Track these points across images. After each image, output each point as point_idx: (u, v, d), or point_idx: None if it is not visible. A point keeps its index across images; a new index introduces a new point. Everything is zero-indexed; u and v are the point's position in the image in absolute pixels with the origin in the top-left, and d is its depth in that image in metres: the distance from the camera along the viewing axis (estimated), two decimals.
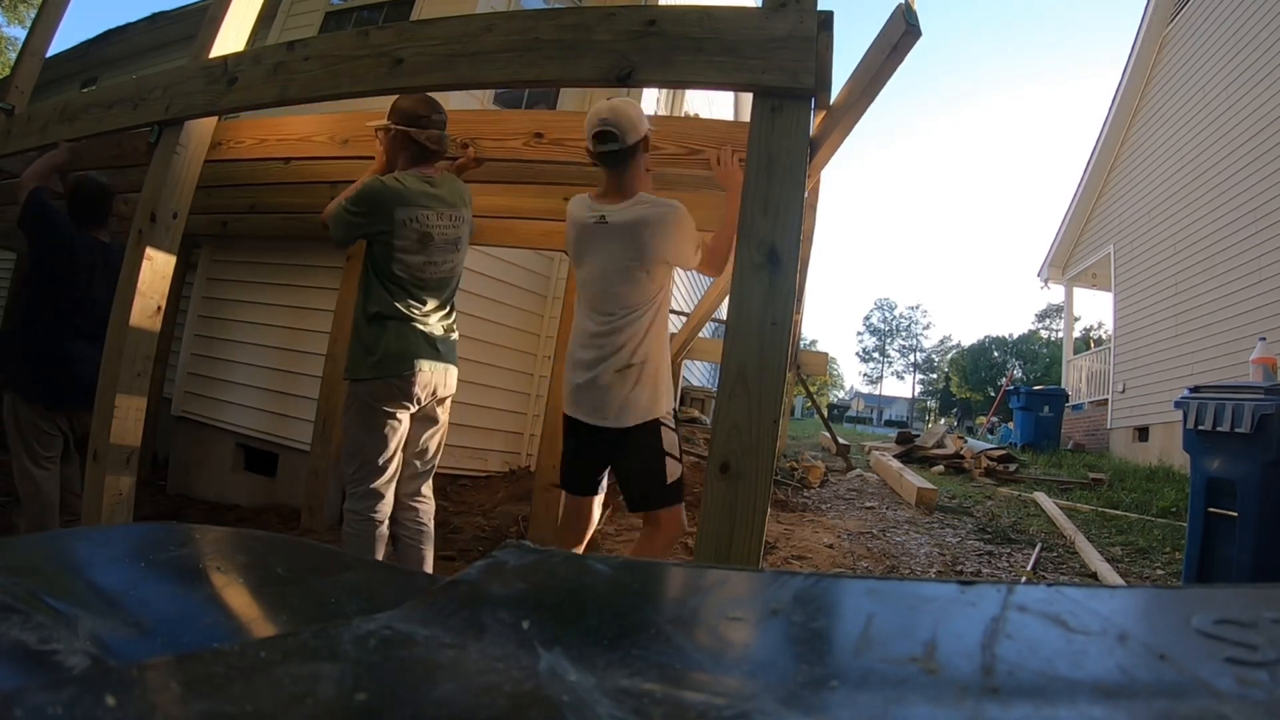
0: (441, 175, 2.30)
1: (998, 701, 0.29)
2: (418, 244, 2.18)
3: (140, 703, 0.28)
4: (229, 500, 4.43)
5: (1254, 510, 2.54)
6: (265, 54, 2.24)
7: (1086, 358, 11.04)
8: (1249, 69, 6.81)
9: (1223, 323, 6.81)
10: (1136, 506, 5.15)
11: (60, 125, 2.76)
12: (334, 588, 0.62)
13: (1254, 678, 0.29)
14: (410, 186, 2.18)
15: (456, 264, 2.32)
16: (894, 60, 1.61)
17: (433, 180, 2.25)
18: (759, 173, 1.54)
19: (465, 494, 4.33)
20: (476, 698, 0.30)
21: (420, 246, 2.19)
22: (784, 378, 1.52)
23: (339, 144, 2.63)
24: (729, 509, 1.46)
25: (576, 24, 1.75)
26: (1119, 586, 1.23)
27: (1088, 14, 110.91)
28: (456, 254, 2.31)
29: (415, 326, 2.20)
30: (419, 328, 2.21)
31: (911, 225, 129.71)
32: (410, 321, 2.20)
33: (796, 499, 5.19)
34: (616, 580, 0.46)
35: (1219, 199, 7.10)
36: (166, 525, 1.47)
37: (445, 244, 2.25)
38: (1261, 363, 3.35)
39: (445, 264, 2.27)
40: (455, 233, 2.27)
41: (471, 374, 4.44)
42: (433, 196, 2.21)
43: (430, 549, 2.36)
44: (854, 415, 56.21)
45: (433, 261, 2.23)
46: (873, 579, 0.45)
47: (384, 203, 2.15)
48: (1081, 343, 13.95)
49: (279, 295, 4.60)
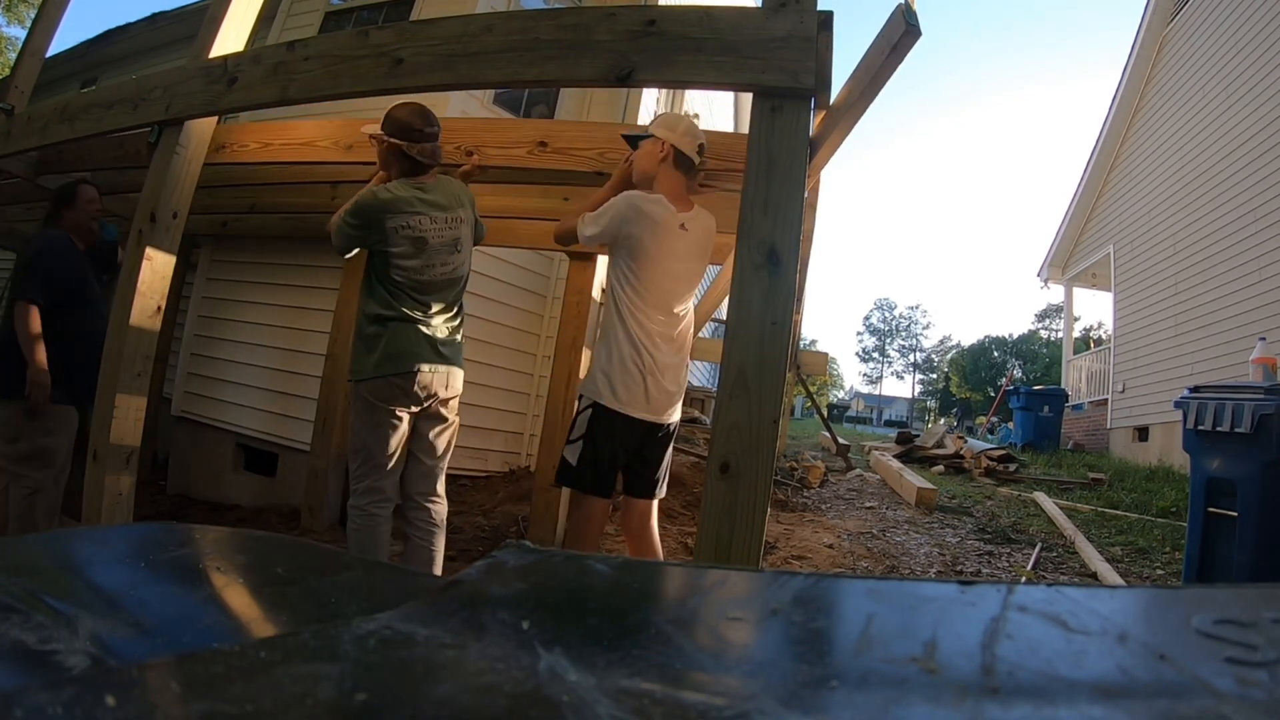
0: (435, 180, 2.30)
1: (998, 701, 0.29)
2: (413, 249, 2.19)
3: (140, 703, 0.28)
4: (229, 500, 4.43)
5: (1254, 510, 2.54)
6: (265, 54, 2.24)
7: (1086, 358, 11.04)
8: (1249, 69, 6.81)
9: (1223, 323, 6.81)
10: (1136, 506, 5.15)
11: (60, 125, 2.76)
12: (334, 588, 0.62)
13: (1254, 678, 0.29)
14: (399, 194, 2.19)
15: (458, 265, 2.32)
16: (894, 60, 1.61)
17: (424, 185, 2.25)
18: (759, 173, 1.54)
19: (465, 494, 4.33)
20: (476, 698, 0.30)
21: (416, 251, 2.20)
22: (784, 378, 1.52)
23: (343, 149, 2.64)
24: (729, 509, 1.46)
25: (576, 24, 1.75)
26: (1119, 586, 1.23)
27: (1088, 14, 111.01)
28: (457, 255, 2.30)
29: (417, 328, 2.21)
30: (421, 329, 2.22)
31: (911, 225, 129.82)
32: (412, 323, 2.21)
33: (796, 499, 5.19)
34: (616, 580, 0.46)
35: (1219, 199, 7.10)
36: (166, 525, 1.47)
37: (442, 247, 2.24)
38: (1261, 363, 3.35)
39: (446, 266, 2.26)
40: (453, 234, 2.27)
41: (471, 374, 4.42)
42: (424, 202, 2.21)
43: (441, 549, 2.36)
44: (854, 415, 56.21)
45: (431, 265, 2.23)
46: (873, 579, 0.45)
47: (374, 215, 2.17)
48: (1081, 343, 13.95)
49: (279, 295, 4.60)
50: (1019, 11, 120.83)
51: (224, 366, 4.63)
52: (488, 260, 4.51)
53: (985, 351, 49.65)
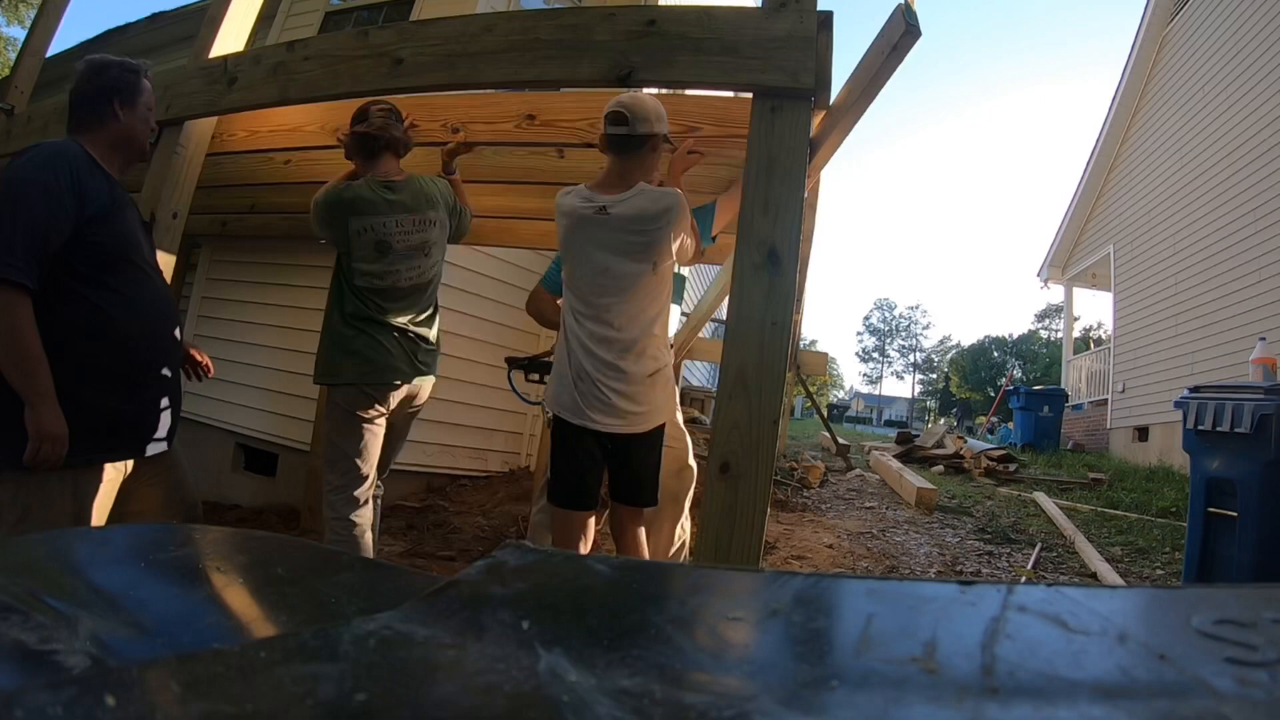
0: (406, 178, 2.19)
1: (998, 701, 0.29)
2: (375, 253, 2.11)
3: (140, 703, 0.28)
4: (229, 500, 4.43)
5: (1254, 510, 2.54)
6: (265, 54, 2.25)
7: (1086, 358, 11.03)
8: (1249, 69, 6.81)
9: (1223, 323, 6.80)
10: (1136, 506, 5.15)
11: (60, 125, 2.75)
12: (334, 588, 0.62)
13: (1254, 678, 0.29)
14: (362, 194, 2.10)
15: (426, 269, 2.20)
16: (894, 60, 1.61)
17: (393, 185, 2.14)
18: (759, 173, 1.54)
19: (465, 494, 4.33)
20: (476, 698, 0.30)
21: (378, 256, 2.11)
22: (784, 378, 1.52)
23: (330, 133, 2.61)
24: (729, 509, 1.46)
25: (576, 24, 1.75)
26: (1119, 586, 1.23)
27: (1088, 14, 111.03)
28: (425, 259, 2.19)
29: (393, 337, 2.14)
30: (397, 340, 2.15)
31: (911, 225, 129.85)
32: (387, 330, 2.14)
33: (796, 499, 5.19)
34: (616, 580, 0.46)
35: (1219, 199, 7.10)
36: (166, 525, 1.47)
37: (408, 252, 2.14)
38: (1261, 363, 3.35)
39: (411, 272, 2.16)
40: (420, 238, 2.16)
41: (471, 374, 4.45)
42: (390, 204, 2.11)
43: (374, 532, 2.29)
44: (854, 415, 56.19)
45: (394, 270, 2.13)
46: (873, 579, 0.45)
47: (336, 213, 2.10)
48: (1081, 343, 13.95)
49: (279, 295, 4.61)
50: (1019, 12, 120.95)
51: (224, 366, 4.60)
52: (488, 260, 4.52)
53: (985, 351, 49.66)
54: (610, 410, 1.87)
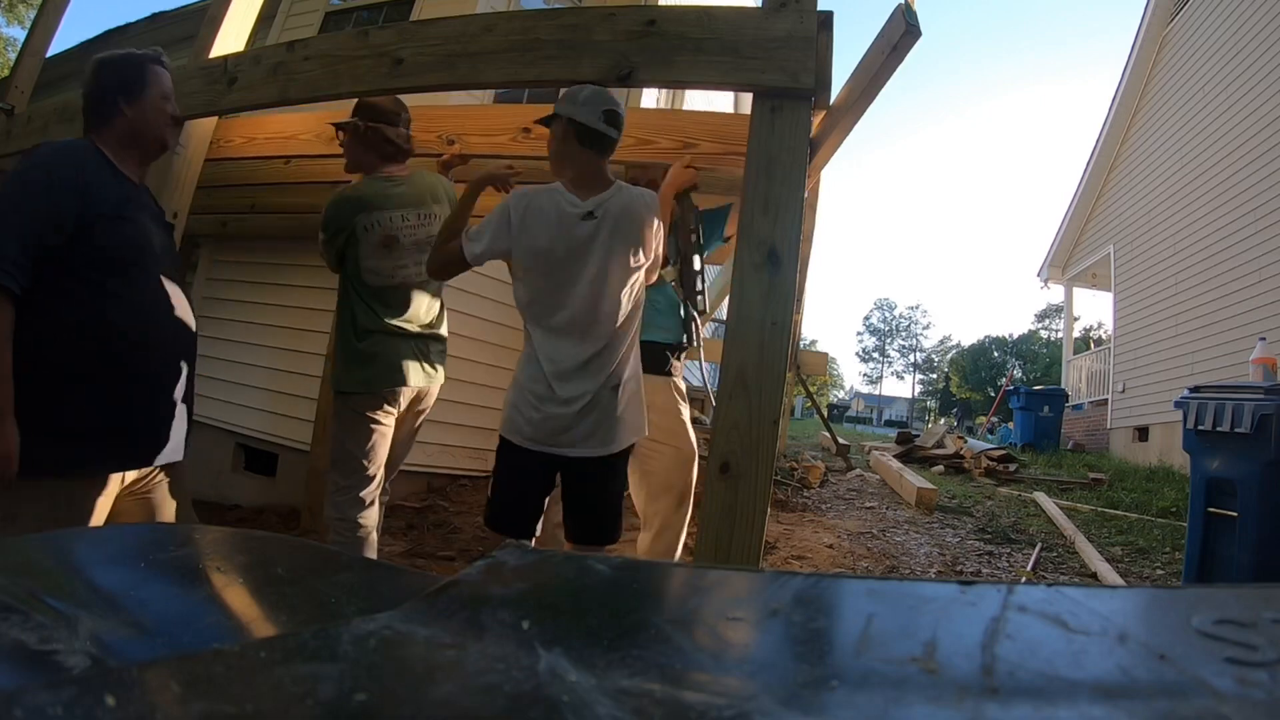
0: (408, 174, 2.19)
1: (998, 702, 0.29)
2: (382, 249, 2.10)
3: (140, 703, 0.28)
4: (229, 500, 4.43)
5: (1254, 510, 2.54)
6: (265, 54, 2.25)
7: (1086, 358, 11.04)
8: (1249, 69, 6.81)
9: (1223, 323, 6.81)
10: (1136, 506, 5.15)
11: (60, 125, 2.76)
12: (334, 588, 0.62)
13: (1254, 678, 0.29)
14: (364, 191, 2.11)
15: None
16: (894, 60, 1.61)
17: (395, 180, 2.15)
18: (759, 173, 1.54)
19: (465, 494, 4.33)
20: (476, 698, 0.30)
21: (385, 251, 2.11)
22: (784, 378, 1.52)
23: (325, 141, 2.62)
24: (729, 509, 1.46)
25: (576, 24, 1.75)
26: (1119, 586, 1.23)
27: (1088, 14, 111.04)
28: None
29: (401, 338, 2.14)
30: (404, 338, 2.15)
31: (911, 225, 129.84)
32: (398, 336, 2.14)
33: (796, 499, 5.18)
34: (616, 580, 0.46)
35: (1219, 199, 7.10)
36: (166, 525, 1.47)
37: (414, 246, 2.13)
38: (1261, 363, 3.35)
39: (419, 267, 2.13)
40: (426, 232, 2.15)
41: (471, 374, 4.45)
42: (394, 197, 2.12)
43: None
44: (854, 415, 56.18)
45: (402, 265, 2.13)
46: (873, 579, 0.45)
47: (343, 213, 2.10)
48: (1081, 343, 13.95)
49: (279, 295, 4.61)
50: (1019, 12, 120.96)
51: (224, 366, 4.63)
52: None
53: (985, 351, 49.66)
54: (583, 432, 1.70)
